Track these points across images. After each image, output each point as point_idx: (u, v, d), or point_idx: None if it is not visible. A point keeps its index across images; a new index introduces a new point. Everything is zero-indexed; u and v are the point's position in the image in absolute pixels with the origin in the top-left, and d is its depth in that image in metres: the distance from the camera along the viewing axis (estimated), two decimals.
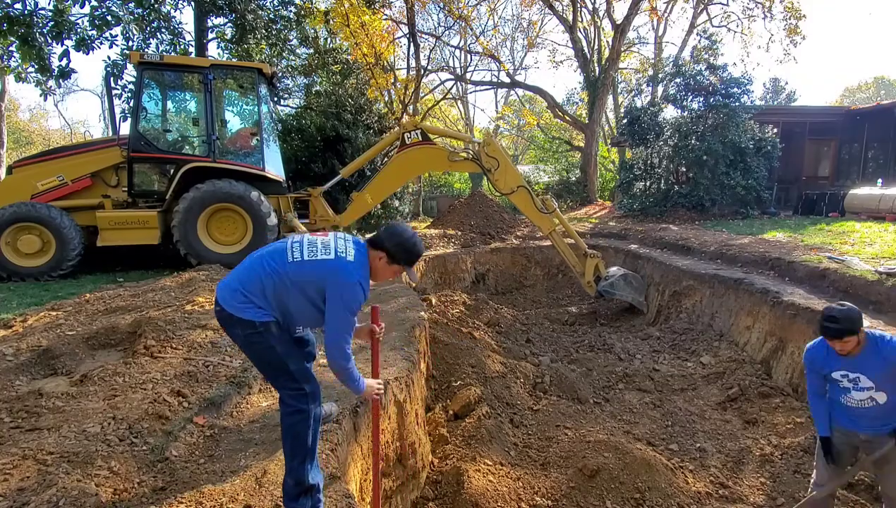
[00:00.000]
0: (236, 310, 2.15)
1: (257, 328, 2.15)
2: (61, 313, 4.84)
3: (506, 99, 34.61)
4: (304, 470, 2.16)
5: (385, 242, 2.23)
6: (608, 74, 18.71)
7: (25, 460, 2.36)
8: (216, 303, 2.23)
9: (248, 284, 2.17)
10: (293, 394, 2.20)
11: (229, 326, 2.21)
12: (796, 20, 16.96)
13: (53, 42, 9.79)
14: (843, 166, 16.31)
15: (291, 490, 2.15)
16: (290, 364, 2.20)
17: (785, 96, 27.84)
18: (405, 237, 2.26)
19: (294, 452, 2.16)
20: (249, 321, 2.14)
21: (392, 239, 2.24)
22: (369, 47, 14.08)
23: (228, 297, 2.17)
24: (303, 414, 2.18)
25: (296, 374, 2.20)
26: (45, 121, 41.64)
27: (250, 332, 2.16)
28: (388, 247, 2.23)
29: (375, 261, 2.26)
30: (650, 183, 15.16)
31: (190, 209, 7.35)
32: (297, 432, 2.17)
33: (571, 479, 3.95)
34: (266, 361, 2.23)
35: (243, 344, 2.23)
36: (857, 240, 7.92)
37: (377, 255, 2.25)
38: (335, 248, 2.19)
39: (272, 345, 2.17)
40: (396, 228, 2.29)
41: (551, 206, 8.34)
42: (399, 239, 2.25)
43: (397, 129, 8.55)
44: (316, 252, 2.17)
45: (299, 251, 2.19)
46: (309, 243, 2.22)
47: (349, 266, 2.15)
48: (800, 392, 5.12)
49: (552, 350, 7.07)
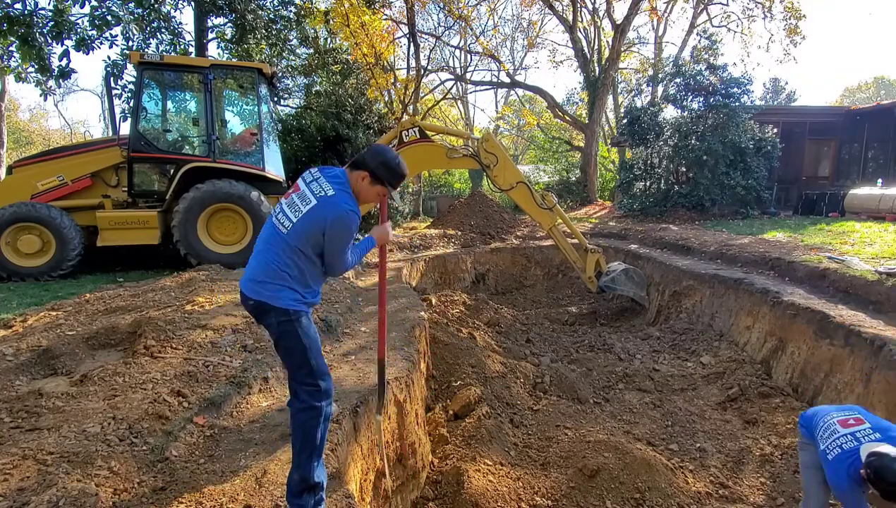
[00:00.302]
0: (270, 299, 2.20)
1: (290, 316, 2.21)
2: (61, 313, 4.84)
3: (506, 99, 34.63)
4: (310, 467, 2.17)
5: (368, 161, 2.26)
6: (608, 74, 18.71)
7: (25, 460, 2.36)
8: (246, 299, 2.27)
9: (271, 273, 2.21)
10: (309, 390, 2.23)
11: (263, 315, 2.26)
12: (796, 20, 16.97)
13: (53, 42, 9.79)
14: (843, 166, 16.31)
15: (296, 486, 2.16)
16: (311, 358, 2.25)
17: (785, 96, 27.85)
18: (388, 156, 2.29)
19: (303, 448, 2.18)
20: (283, 309, 2.20)
21: (375, 158, 2.27)
22: (369, 47, 14.08)
23: (259, 289, 2.22)
24: (315, 410, 2.21)
25: (315, 370, 2.25)
26: (45, 121, 41.68)
27: (283, 320, 2.21)
28: (372, 165, 2.25)
29: (358, 182, 2.27)
30: (650, 183, 15.16)
31: (190, 209, 7.35)
32: (307, 428, 2.19)
33: (571, 479, 3.94)
34: (292, 351, 2.27)
35: (276, 332, 2.27)
36: (857, 240, 7.92)
37: (360, 175, 2.27)
38: (313, 194, 2.21)
39: (300, 337, 2.23)
40: (379, 147, 2.33)
41: (551, 202, 8.33)
42: (382, 157, 2.27)
43: (395, 128, 8.54)
44: (299, 208, 2.20)
45: (286, 217, 2.22)
46: (289, 205, 2.24)
47: (332, 200, 2.18)
48: (800, 392, 5.13)
49: (552, 350, 7.07)
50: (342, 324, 4.91)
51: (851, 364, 4.56)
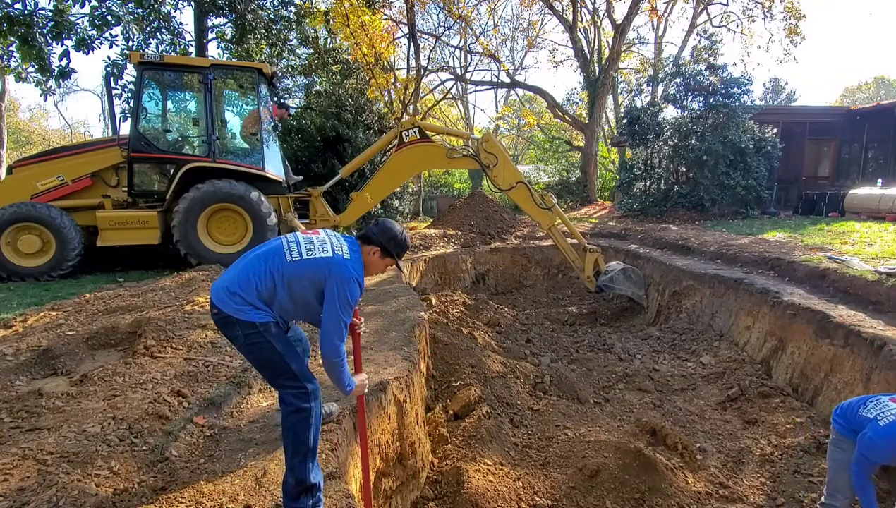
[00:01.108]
0: (236, 312, 2.16)
1: (258, 328, 2.18)
2: (61, 313, 4.84)
3: (506, 99, 34.64)
4: (304, 469, 2.16)
5: (379, 237, 2.41)
6: (608, 74, 18.71)
7: (25, 460, 2.36)
8: (213, 306, 2.23)
9: (246, 286, 2.18)
10: (295, 393, 2.21)
11: (228, 328, 2.22)
12: (796, 20, 16.98)
13: (53, 42, 9.80)
14: (843, 166, 16.31)
15: (292, 489, 2.16)
16: (291, 363, 2.22)
17: (785, 96, 27.84)
18: (396, 232, 2.46)
19: (295, 451, 2.17)
20: (250, 322, 2.17)
21: (385, 234, 2.42)
22: (369, 47, 14.08)
23: (227, 299, 2.18)
24: (304, 412, 2.19)
25: (297, 373, 2.22)
26: (45, 121, 41.70)
27: (251, 333, 2.18)
28: (382, 241, 2.41)
29: (368, 256, 2.41)
30: (650, 183, 15.16)
31: (190, 209, 7.35)
32: (298, 431, 2.18)
33: (571, 479, 3.95)
34: (267, 361, 2.24)
35: (244, 346, 2.23)
36: (857, 240, 7.92)
37: (371, 250, 2.40)
38: (332, 246, 2.28)
39: (273, 345, 2.19)
40: (386, 224, 2.46)
41: (550, 202, 8.34)
42: (391, 233, 2.43)
43: (395, 128, 8.55)
44: (314, 250, 2.24)
45: (297, 250, 2.24)
46: (306, 242, 2.28)
47: (347, 262, 2.25)
48: (800, 392, 5.13)
49: (552, 350, 7.07)
50: None
51: (851, 364, 4.56)
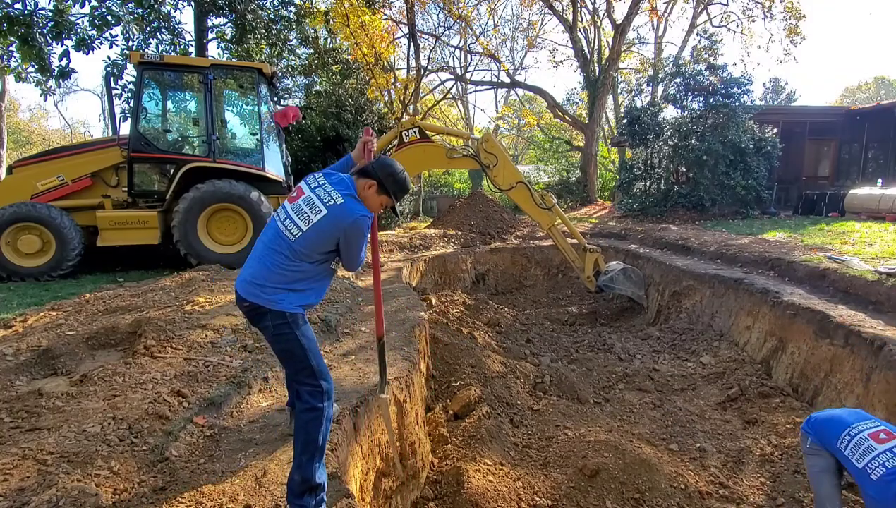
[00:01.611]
0: (266, 302, 2.21)
1: (287, 318, 2.22)
2: (61, 313, 4.84)
3: (506, 99, 34.64)
4: (312, 468, 2.17)
5: (377, 171, 2.35)
6: (608, 74, 18.71)
7: (25, 460, 2.36)
8: (242, 300, 2.28)
9: (270, 276, 2.22)
10: (311, 391, 2.24)
11: (259, 318, 2.26)
12: (796, 20, 16.98)
13: (53, 42, 9.81)
14: (843, 166, 16.31)
15: (297, 486, 2.16)
16: (311, 359, 2.26)
17: (785, 96, 27.84)
18: (396, 169, 2.39)
19: (305, 448, 2.18)
20: (280, 312, 2.21)
21: (384, 169, 2.36)
22: (369, 47, 14.08)
23: (257, 292, 2.23)
24: (317, 411, 2.22)
25: (316, 370, 2.26)
26: (45, 121, 41.72)
27: (280, 323, 2.22)
28: (380, 176, 2.34)
29: (364, 190, 2.34)
30: (650, 183, 15.16)
31: (190, 209, 7.35)
32: (309, 429, 2.20)
33: (571, 479, 3.94)
34: (290, 354, 2.28)
35: (272, 336, 2.27)
36: (857, 240, 7.92)
37: (367, 183, 2.34)
38: (322, 201, 2.24)
39: (298, 339, 2.24)
40: (387, 160, 2.42)
41: (550, 202, 8.35)
42: (390, 169, 2.37)
43: (395, 128, 8.55)
44: (308, 216, 2.22)
45: (294, 225, 2.23)
46: (296, 212, 2.25)
47: (343, 208, 2.21)
48: (800, 391, 5.13)
49: (552, 350, 7.06)
50: (342, 324, 4.91)
51: (851, 364, 4.56)
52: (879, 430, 2.70)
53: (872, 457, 2.60)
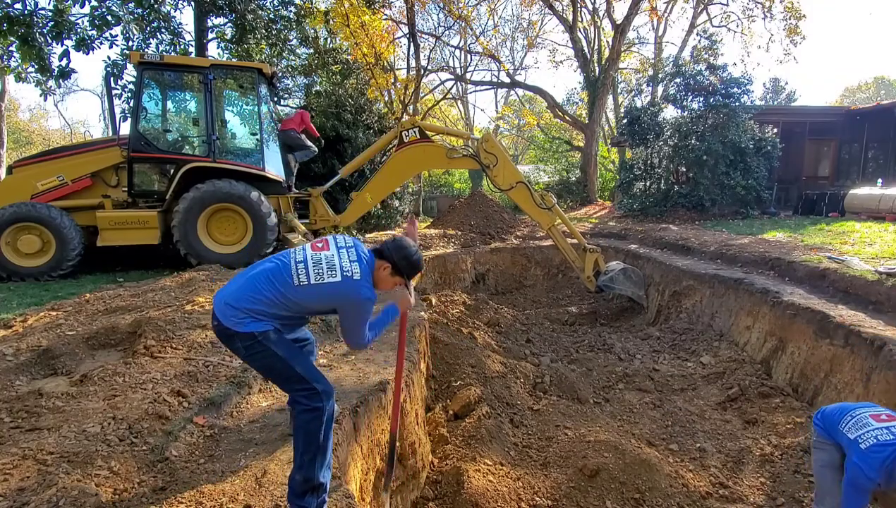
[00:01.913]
0: (234, 324, 2.17)
1: (257, 338, 2.18)
2: (61, 313, 4.84)
3: (506, 99, 34.63)
4: (314, 468, 2.16)
5: (392, 254, 2.35)
6: (608, 74, 18.71)
7: (25, 460, 2.36)
8: (214, 317, 2.24)
9: (250, 302, 2.19)
10: (305, 394, 2.21)
11: (228, 340, 2.23)
12: (796, 20, 16.97)
13: (53, 42, 9.81)
14: (843, 166, 16.31)
15: (298, 486, 2.15)
16: (296, 366, 2.22)
17: (785, 96, 27.84)
18: (410, 251, 2.39)
19: (306, 449, 2.17)
20: (248, 333, 2.17)
21: (398, 252, 2.36)
22: (369, 47, 14.08)
23: (227, 313, 2.19)
24: (316, 411, 2.19)
25: (304, 375, 2.23)
26: (45, 121, 41.74)
27: (250, 344, 2.18)
28: (395, 259, 2.35)
29: (379, 270, 2.35)
30: (650, 183, 15.16)
31: (190, 209, 7.35)
32: (309, 429, 2.18)
33: (571, 479, 3.95)
34: (271, 368, 2.26)
35: (245, 356, 2.24)
36: (857, 240, 7.92)
37: (382, 265, 2.35)
38: (340, 268, 2.22)
39: (274, 352, 2.19)
40: (402, 242, 2.40)
41: (550, 202, 8.35)
42: (404, 252, 2.37)
43: (396, 128, 8.55)
44: (322, 274, 2.20)
45: (305, 273, 2.20)
46: (314, 263, 2.22)
47: (356, 285, 2.22)
48: (800, 392, 5.13)
49: (552, 350, 7.07)
50: None
51: (851, 364, 4.56)
52: (881, 413, 2.81)
53: (867, 430, 2.72)
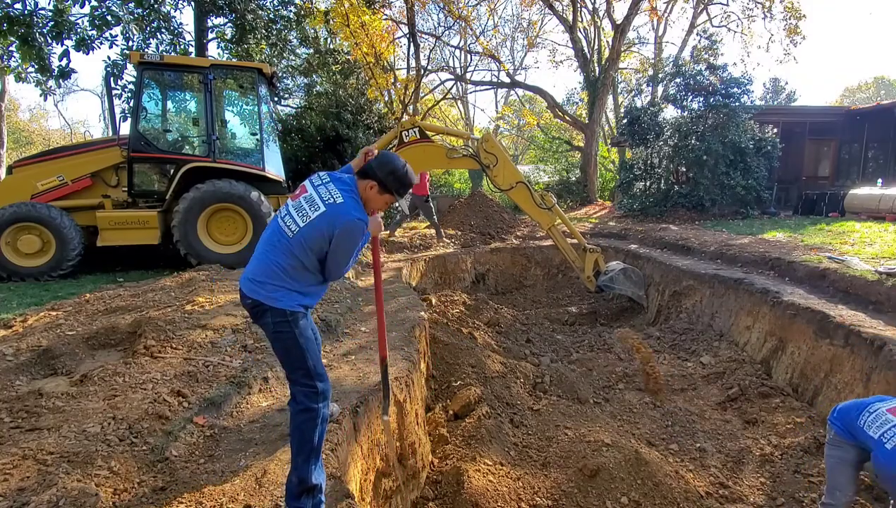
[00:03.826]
0: (268, 300, 2.21)
1: (287, 317, 2.22)
2: (61, 313, 4.84)
3: (506, 99, 34.61)
4: (307, 469, 2.18)
5: (377, 171, 2.29)
6: (608, 74, 18.70)
7: (25, 460, 2.36)
8: (244, 296, 2.28)
9: (271, 273, 2.22)
10: (305, 391, 2.24)
11: (260, 315, 2.26)
12: (796, 20, 16.97)
13: (53, 42, 9.81)
14: (843, 166, 16.31)
15: (294, 488, 2.17)
16: (308, 359, 2.26)
17: (785, 96, 27.85)
18: (397, 165, 2.32)
19: (300, 450, 2.19)
20: (280, 310, 2.21)
21: (384, 168, 2.30)
22: (369, 47, 14.08)
23: (258, 289, 2.23)
24: (311, 412, 2.22)
25: (311, 371, 2.26)
26: (45, 121, 41.71)
27: (280, 321, 2.22)
28: (380, 175, 2.28)
29: (366, 191, 2.30)
30: (650, 183, 15.15)
31: (190, 209, 7.35)
32: (304, 430, 2.20)
33: (571, 479, 3.94)
34: (287, 351, 2.28)
35: (272, 333, 2.28)
36: (857, 240, 7.92)
37: (368, 184, 2.29)
38: (321, 199, 2.22)
39: (296, 338, 2.23)
40: (387, 156, 2.34)
41: (550, 202, 8.35)
42: (391, 166, 2.30)
43: (395, 128, 8.55)
44: (306, 213, 2.21)
45: (293, 221, 2.22)
46: (296, 208, 2.25)
47: (342, 208, 2.19)
48: (800, 391, 5.13)
49: (552, 350, 7.06)
50: (342, 324, 4.91)
51: (851, 364, 4.56)
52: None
53: (889, 428, 2.74)
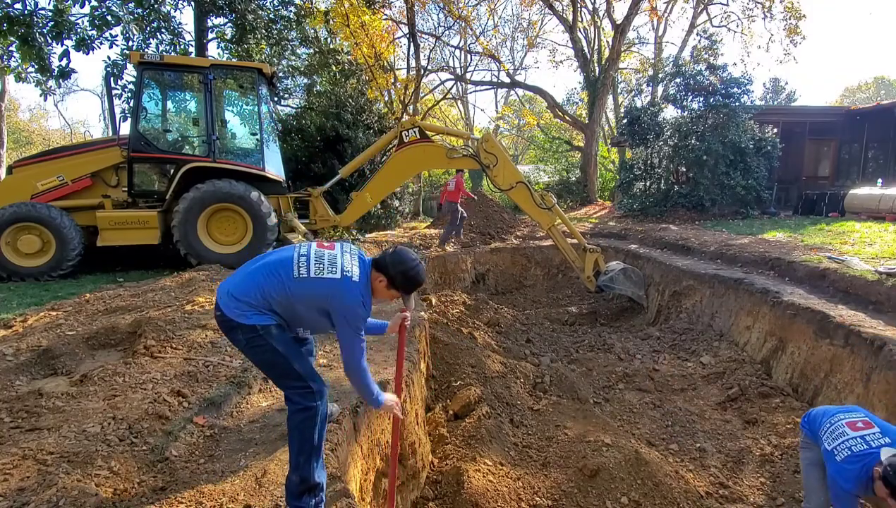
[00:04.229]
0: (237, 316, 2.16)
1: (258, 331, 2.16)
2: (61, 313, 4.84)
3: (506, 99, 34.63)
4: (309, 468, 2.17)
5: (389, 268, 2.26)
6: (608, 74, 18.71)
7: (25, 460, 2.36)
8: (217, 308, 2.23)
9: (252, 294, 2.18)
10: (300, 392, 2.21)
11: (230, 331, 2.22)
12: (796, 20, 16.98)
13: (53, 42, 9.81)
14: (843, 166, 16.31)
15: (295, 487, 2.16)
16: (294, 363, 2.21)
17: (785, 96, 27.84)
18: (409, 265, 2.29)
19: (301, 449, 2.17)
20: (251, 326, 2.16)
21: (396, 266, 2.27)
22: (369, 47, 14.09)
23: (231, 304, 2.18)
24: (310, 411, 2.19)
25: (301, 373, 2.22)
26: (45, 121, 41.74)
27: (252, 336, 2.17)
28: (392, 273, 2.26)
29: (375, 282, 2.30)
30: (650, 183, 15.16)
31: (190, 209, 7.35)
32: (303, 429, 2.18)
33: (571, 479, 3.94)
34: (270, 363, 2.24)
35: (245, 348, 2.23)
36: (857, 240, 7.92)
37: (378, 277, 2.29)
38: (341, 266, 2.20)
39: (275, 347, 2.18)
40: (402, 255, 2.31)
41: (550, 202, 8.36)
42: (403, 266, 2.27)
43: (396, 128, 8.55)
44: (323, 269, 2.18)
45: (306, 267, 2.18)
46: (316, 258, 2.21)
47: (353, 286, 2.18)
48: (800, 391, 5.13)
49: (552, 350, 7.06)
50: None
51: (851, 364, 4.56)
52: (857, 420, 2.79)
53: (842, 441, 2.72)
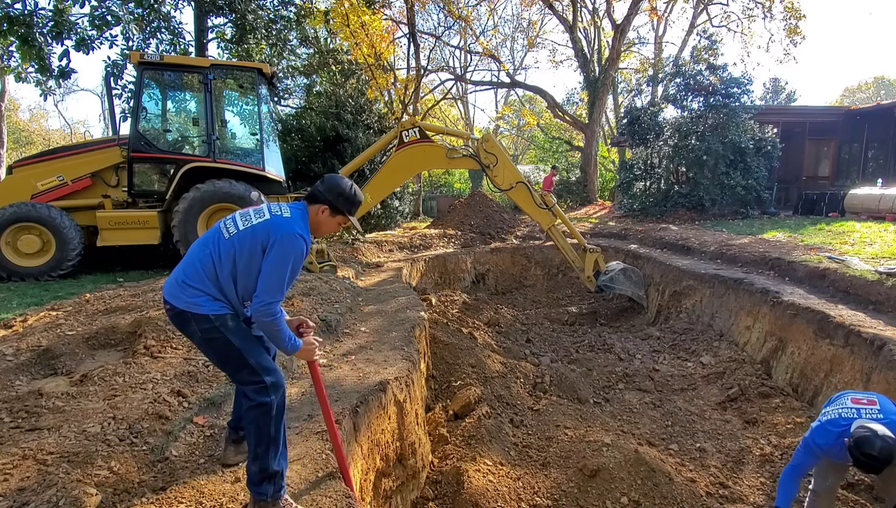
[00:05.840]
0: (188, 306, 2.12)
1: (213, 322, 2.13)
2: (61, 313, 4.84)
3: (506, 99, 34.61)
4: (267, 459, 2.18)
5: (326, 194, 2.27)
6: (608, 74, 18.71)
7: (25, 460, 2.36)
8: (165, 303, 2.19)
9: (194, 274, 2.15)
10: (255, 388, 2.19)
11: (183, 324, 2.17)
12: (796, 20, 16.98)
13: (53, 42, 9.81)
14: (843, 166, 16.31)
15: (255, 476, 2.17)
16: (249, 357, 2.18)
17: (785, 96, 27.85)
18: (344, 186, 2.31)
19: (259, 442, 2.18)
20: (204, 316, 2.12)
21: (332, 190, 2.28)
22: (369, 47, 14.09)
23: (178, 292, 2.14)
24: (264, 407, 2.18)
25: (256, 367, 2.19)
26: (45, 121, 41.68)
27: (206, 328, 2.14)
28: (330, 198, 2.27)
29: (317, 215, 2.29)
30: (650, 183, 15.16)
31: (190, 209, 7.35)
32: (259, 424, 2.18)
33: (571, 479, 3.94)
34: (225, 357, 2.21)
35: (201, 342, 2.20)
36: (857, 239, 7.92)
37: (319, 208, 2.28)
38: (269, 210, 2.22)
39: (230, 341, 2.16)
40: (333, 179, 2.33)
41: (550, 202, 8.36)
42: (338, 189, 2.29)
43: (396, 128, 8.55)
44: (250, 219, 2.19)
45: (233, 225, 2.20)
46: (241, 215, 2.23)
47: (287, 220, 2.17)
48: (800, 391, 5.13)
49: (552, 350, 7.07)
50: (342, 324, 4.91)
51: (851, 364, 4.56)
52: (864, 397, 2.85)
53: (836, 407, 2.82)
